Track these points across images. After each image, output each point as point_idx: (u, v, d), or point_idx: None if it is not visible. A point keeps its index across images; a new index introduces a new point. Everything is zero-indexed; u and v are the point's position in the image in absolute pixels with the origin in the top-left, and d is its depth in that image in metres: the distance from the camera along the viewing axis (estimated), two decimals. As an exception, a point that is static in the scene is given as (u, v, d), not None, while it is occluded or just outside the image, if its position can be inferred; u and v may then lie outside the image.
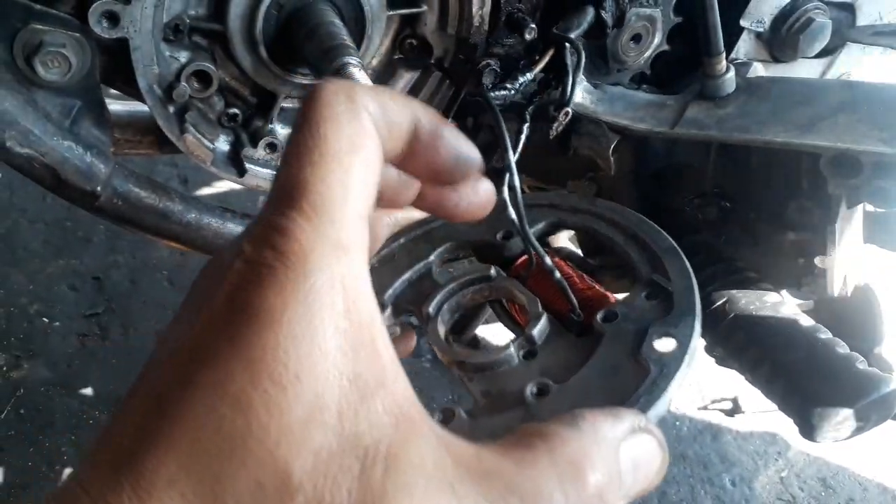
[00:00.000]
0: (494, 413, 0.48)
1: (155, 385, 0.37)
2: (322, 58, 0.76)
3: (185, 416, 0.35)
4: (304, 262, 0.37)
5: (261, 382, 0.35)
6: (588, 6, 0.76)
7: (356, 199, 0.40)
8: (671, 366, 0.47)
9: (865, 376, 0.69)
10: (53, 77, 0.73)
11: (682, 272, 0.54)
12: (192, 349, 0.37)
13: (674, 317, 0.50)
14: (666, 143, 0.88)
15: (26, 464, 1.53)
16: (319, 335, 0.36)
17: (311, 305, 0.37)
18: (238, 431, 0.34)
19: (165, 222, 0.81)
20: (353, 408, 0.36)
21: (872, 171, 0.65)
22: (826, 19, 0.91)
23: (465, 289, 0.58)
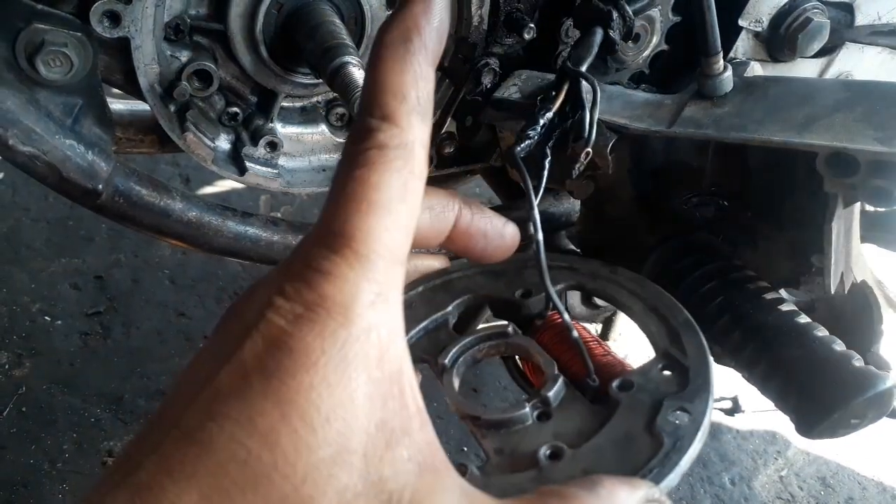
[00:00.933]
0: (507, 472, 0.49)
1: (181, 415, 0.37)
2: (322, 57, 0.76)
3: (212, 447, 0.35)
4: (345, 311, 0.38)
5: (291, 421, 0.36)
6: (596, 27, 0.76)
7: (398, 246, 0.41)
8: (685, 440, 0.48)
9: (861, 374, 0.70)
10: (55, 76, 0.74)
11: (698, 347, 0.55)
12: (224, 382, 0.37)
13: (689, 392, 0.51)
14: (664, 142, 0.89)
15: (28, 461, 1.53)
16: (353, 383, 0.37)
17: (348, 354, 0.37)
18: (264, 466, 0.35)
19: (166, 220, 0.82)
20: (378, 453, 0.37)
21: (869, 170, 0.66)
22: (824, 19, 0.91)
23: (482, 343, 0.59)
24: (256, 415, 0.36)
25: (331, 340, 0.37)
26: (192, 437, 0.36)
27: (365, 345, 0.38)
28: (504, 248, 0.55)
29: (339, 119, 0.93)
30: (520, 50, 0.89)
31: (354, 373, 0.37)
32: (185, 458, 0.35)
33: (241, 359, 0.37)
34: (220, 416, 0.36)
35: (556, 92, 0.65)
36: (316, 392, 0.36)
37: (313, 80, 0.86)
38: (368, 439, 0.37)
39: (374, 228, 0.40)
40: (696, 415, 0.50)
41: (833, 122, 0.68)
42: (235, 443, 0.35)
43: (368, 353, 0.38)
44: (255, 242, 0.87)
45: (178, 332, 1.79)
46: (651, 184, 0.92)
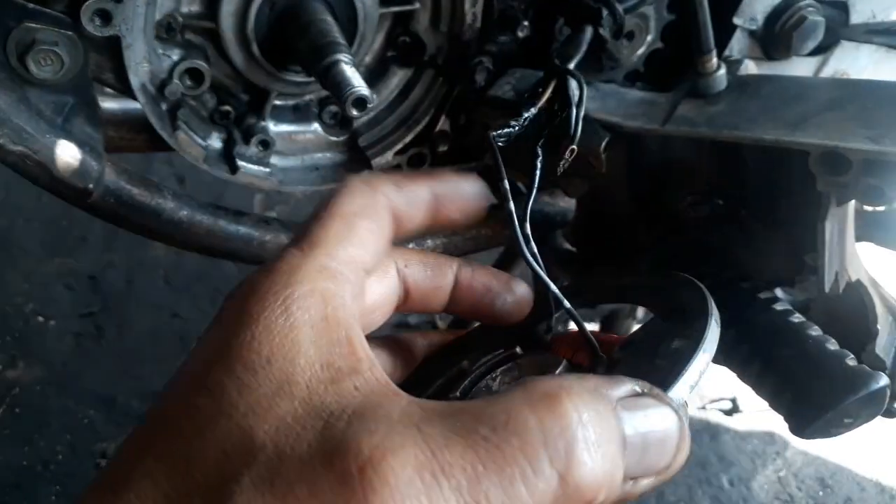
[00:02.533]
0: None
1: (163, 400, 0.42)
2: (314, 55, 0.76)
3: (166, 414, 0.40)
4: (287, 277, 0.43)
5: (234, 370, 0.39)
6: (586, 26, 0.76)
7: (353, 247, 0.47)
8: (685, 353, 0.46)
9: (855, 373, 0.69)
10: (46, 75, 0.73)
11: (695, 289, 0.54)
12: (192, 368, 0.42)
13: (687, 324, 0.50)
14: (659, 141, 0.88)
15: (21, 463, 1.53)
16: (296, 330, 0.40)
17: (289, 307, 0.41)
18: (209, 414, 0.38)
19: (157, 220, 0.82)
20: (323, 384, 0.39)
21: (861, 169, 0.65)
22: (819, 17, 0.91)
23: (493, 371, 0.56)
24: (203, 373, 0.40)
25: (272, 298, 0.41)
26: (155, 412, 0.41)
27: (307, 301, 0.42)
28: (515, 303, 0.56)
29: (332, 117, 0.92)
30: (514, 48, 0.88)
31: (297, 322, 0.41)
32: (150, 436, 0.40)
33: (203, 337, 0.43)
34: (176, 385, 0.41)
35: (542, 89, 0.64)
36: (257, 342, 0.40)
37: (305, 78, 0.86)
38: (312, 373, 0.39)
39: (329, 228, 0.47)
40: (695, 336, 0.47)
41: (825, 120, 0.68)
42: (186, 403, 0.39)
43: (311, 308, 0.41)
44: (248, 242, 0.87)
45: (173, 333, 1.78)
46: (646, 183, 0.92)
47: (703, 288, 0.54)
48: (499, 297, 0.56)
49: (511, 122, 0.60)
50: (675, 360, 0.45)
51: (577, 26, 0.74)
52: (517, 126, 0.60)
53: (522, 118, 0.61)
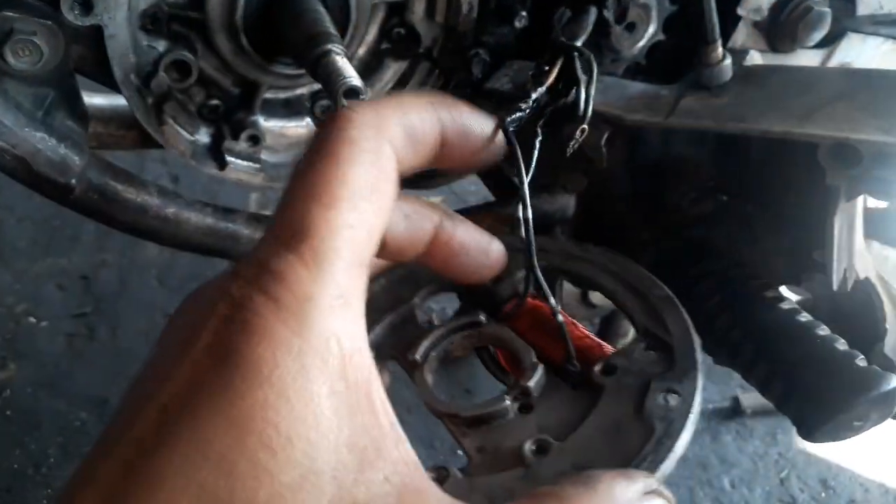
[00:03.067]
0: (492, 472, 0.46)
1: (129, 437, 0.34)
2: (304, 46, 0.74)
3: (162, 477, 0.32)
4: (300, 317, 0.34)
5: (248, 445, 0.32)
6: (590, 6, 0.74)
7: (362, 247, 0.38)
8: (677, 423, 0.46)
9: (865, 373, 0.67)
10: (24, 66, 0.71)
11: (681, 324, 0.53)
12: (170, 401, 0.34)
13: (677, 372, 0.49)
14: (661, 135, 0.87)
15: (12, 466, 1.51)
16: (315, 397, 0.33)
17: (305, 364, 0.34)
18: (221, 497, 0.31)
19: (143, 217, 0.79)
20: (350, 475, 0.33)
21: (872, 161, 0.63)
22: (825, 8, 0.89)
23: (454, 335, 0.56)
24: (204, 442, 0.32)
25: (284, 350, 0.33)
26: (137, 472, 0.32)
27: (324, 354, 0.34)
28: (487, 266, 0.51)
29: (325, 112, 0.90)
30: (511, 39, 0.86)
31: (315, 385, 0.34)
32: (134, 495, 0.32)
33: (188, 375, 0.34)
34: (164, 446, 0.32)
35: (549, 67, 0.61)
36: (273, 410, 0.33)
37: (296, 70, 0.84)
38: (338, 459, 0.33)
39: (336, 224, 0.36)
40: (685, 396, 0.47)
41: (835, 111, 0.66)
42: (183, 476, 0.32)
43: (329, 362, 0.34)
44: (236, 240, 0.85)
45: (166, 333, 1.77)
46: (648, 178, 0.90)
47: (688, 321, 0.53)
48: (475, 259, 0.51)
49: (521, 105, 0.57)
50: (665, 424, 0.46)
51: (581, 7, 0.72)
52: (528, 109, 0.57)
53: (531, 100, 0.58)
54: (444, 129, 0.45)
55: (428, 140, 0.44)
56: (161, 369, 0.36)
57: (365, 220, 0.38)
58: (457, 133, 0.46)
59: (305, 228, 0.36)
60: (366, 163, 0.39)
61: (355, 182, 0.38)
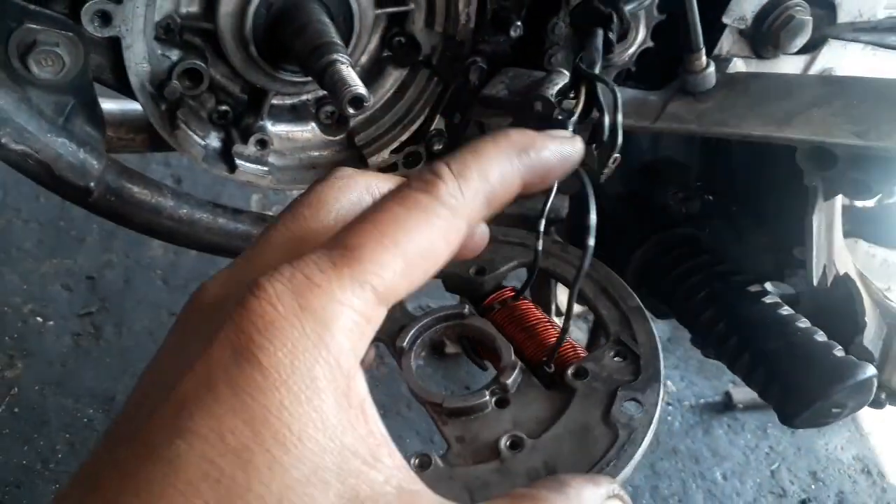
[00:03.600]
0: (469, 462, 0.50)
1: (144, 428, 0.35)
2: (311, 55, 0.77)
3: (181, 465, 0.33)
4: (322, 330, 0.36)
5: (264, 440, 0.34)
6: (596, 28, 0.77)
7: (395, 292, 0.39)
8: (638, 432, 0.50)
9: (842, 363, 0.71)
10: (47, 75, 0.74)
11: (648, 335, 0.57)
12: (189, 393, 0.35)
13: (641, 382, 0.53)
14: (650, 139, 0.90)
15: (21, 462, 1.53)
16: (323, 405, 0.36)
17: (317, 376, 0.36)
18: (238, 487, 0.33)
19: (157, 218, 0.83)
20: (354, 473, 0.36)
21: (847, 164, 0.67)
22: (806, 16, 0.92)
23: (439, 324, 0.60)
24: (227, 432, 0.34)
25: (302, 359, 0.35)
26: (158, 455, 0.34)
27: (335, 371, 0.36)
28: (472, 247, 0.53)
29: (329, 117, 0.93)
30: (507, 48, 0.90)
31: (324, 395, 0.36)
32: (152, 478, 0.33)
33: (207, 367, 0.36)
34: (187, 432, 0.34)
35: (574, 95, 0.65)
36: (287, 412, 0.35)
37: (302, 78, 0.87)
38: (343, 459, 0.36)
39: (385, 265, 0.38)
40: (648, 406, 0.51)
41: (812, 116, 0.69)
42: (206, 461, 0.33)
43: (336, 378, 0.36)
44: (246, 240, 0.88)
45: (171, 332, 1.79)
46: (638, 180, 0.93)
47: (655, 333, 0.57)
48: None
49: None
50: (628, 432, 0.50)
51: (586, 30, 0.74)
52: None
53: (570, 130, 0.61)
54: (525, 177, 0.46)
55: (506, 198, 0.45)
56: (180, 359, 0.37)
57: (410, 274, 0.39)
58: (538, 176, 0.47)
59: (358, 254, 0.38)
60: (437, 231, 0.40)
61: (419, 243, 0.39)
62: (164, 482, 0.33)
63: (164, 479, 0.33)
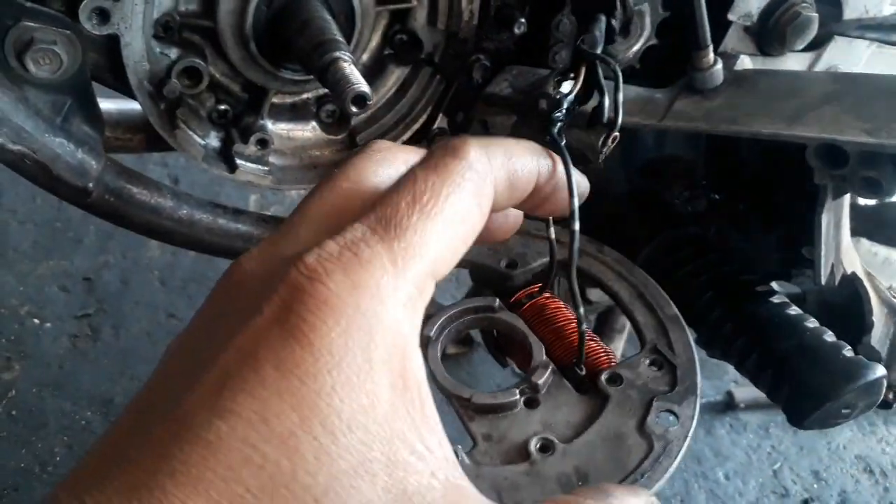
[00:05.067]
0: (497, 462, 0.49)
1: (180, 405, 0.33)
2: (312, 53, 0.76)
3: (222, 448, 0.32)
4: (377, 308, 0.35)
5: (312, 427, 0.32)
6: (599, 14, 0.76)
7: (442, 262, 0.39)
8: (674, 445, 0.49)
9: (852, 363, 0.70)
10: (44, 74, 0.73)
11: (685, 346, 0.56)
12: (231, 370, 0.33)
13: (678, 394, 0.53)
14: (656, 137, 0.89)
15: (18, 465, 1.53)
16: (377, 388, 0.34)
17: (373, 356, 0.34)
18: (283, 475, 0.32)
19: (157, 218, 0.82)
20: (401, 466, 0.34)
21: (858, 162, 0.66)
22: (812, 13, 0.91)
23: (467, 316, 0.59)
24: (272, 416, 0.32)
25: (356, 338, 0.34)
26: (196, 435, 0.32)
27: (391, 349, 0.35)
28: (507, 227, 0.52)
29: (330, 116, 0.92)
30: (510, 45, 0.89)
31: (378, 376, 0.34)
32: (190, 459, 0.31)
33: (251, 345, 0.34)
34: (229, 413, 0.32)
35: (573, 75, 0.64)
36: (338, 396, 0.33)
37: (303, 76, 0.86)
38: (392, 450, 0.34)
39: (430, 236, 0.38)
40: (684, 419, 0.51)
41: (822, 113, 0.69)
42: (249, 446, 0.32)
43: (393, 358, 0.35)
44: (247, 240, 0.87)
45: (169, 333, 1.78)
46: (643, 178, 0.93)
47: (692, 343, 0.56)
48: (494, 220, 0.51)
49: (555, 115, 0.60)
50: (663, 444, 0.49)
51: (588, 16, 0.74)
52: (563, 118, 0.60)
53: (564, 109, 0.61)
54: (539, 179, 0.47)
55: (525, 186, 0.46)
56: (219, 335, 0.35)
57: (453, 241, 0.39)
58: (551, 185, 0.49)
59: (403, 228, 0.37)
60: (469, 194, 0.40)
61: (456, 206, 0.39)
62: (202, 465, 0.31)
63: (203, 462, 0.31)
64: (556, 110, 0.59)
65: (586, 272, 0.64)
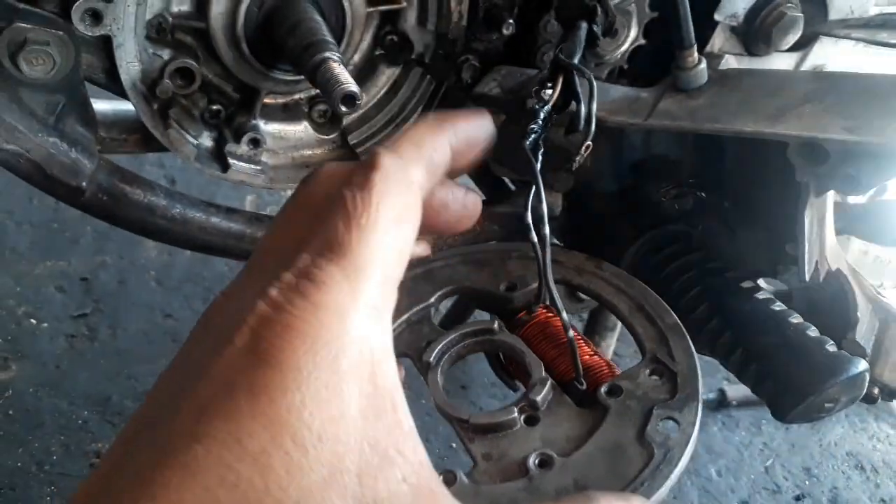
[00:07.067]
0: (496, 480, 0.49)
1: (161, 431, 0.35)
2: (303, 53, 0.77)
3: (199, 470, 0.33)
4: (339, 322, 0.37)
5: (283, 443, 0.34)
6: (580, 21, 0.77)
7: (393, 265, 0.42)
8: (675, 452, 0.49)
9: (835, 358, 0.71)
10: (38, 74, 0.74)
11: (686, 353, 0.56)
12: (207, 398, 0.35)
13: (678, 401, 0.52)
14: (643, 136, 0.90)
15: (15, 465, 1.53)
16: (346, 397, 0.36)
17: (340, 366, 0.36)
18: (256, 491, 0.33)
19: (150, 217, 0.83)
20: (372, 473, 0.36)
21: (838, 159, 0.67)
22: (798, 13, 0.93)
23: (467, 339, 0.59)
24: (245, 436, 0.34)
25: (323, 353, 0.36)
26: (175, 459, 0.34)
27: (357, 358, 0.37)
28: (467, 218, 0.55)
29: (322, 115, 0.93)
30: (499, 46, 0.90)
31: (346, 386, 0.36)
32: (170, 483, 0.34)
33: (225, 373, 0.36)
34: (205, 437, 0.34)
35: (551, 84, 0.65)
36: (307, 410, 0.35)
37: (295, 76, 0.87)
38: (362, 458, 0.36)
39: (373, 245, 0.40)
40: (685, 426, 0.50)
41: (803, 112, 0.70)
42: (224, 466, 0.34)
43: (361, 367, 0.37)
44: (239, 239, 0.88)
45: (165, 333, 1.79)
46: (631, 177, 0.94)
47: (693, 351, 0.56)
48: (455, 212, 0.55)
49: (531, 127, 0.61)
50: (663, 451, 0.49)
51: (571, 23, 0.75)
52: (538, 130, 0.61)
53: (541, 119, 0.62)
54: (452, 147, 0.51)
55: (443, 163, 0.50)
56: (196, 367, 0.37)
57: (395, 243, 0.42)
58: (463, 144, 0.53)
59: (346, 246, 0.39)
60: (398, 195, 0.43)
61: (389, 211, 0.42)
62: (181, 487, 0.33)
63: (182, 484, 0.33)
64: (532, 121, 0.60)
65: (585, 288, 0.64)
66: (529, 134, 0.60)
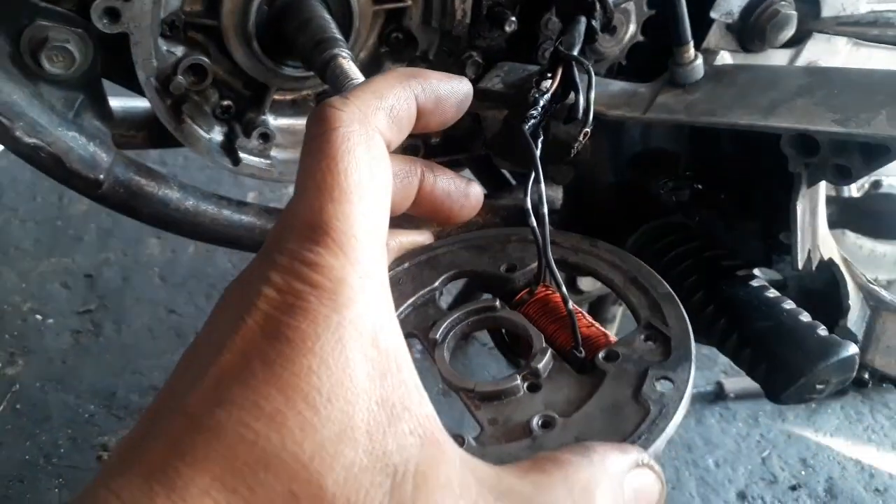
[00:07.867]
0: (502, 441, 0.51)
1: (188, 402, 0.39)
2: (313, 50, 0.80)
3: (221, 431, 0.37)
4: (335, 296, 0.40)
5: (295, 404, 0.37)
6: (579, 16, 0.80)
7: (376, 227, 0.44)
8: (670, 407, 0.51)
9: (826, 341, 0.74)
10: (58, 71, 0.76)
11: (678, 318, 0.58)
12: (226, 368, 0.39)
13: (672, 361, 0.54)
14: (641, 130, 0.93)
15: (23, 457, 1.55)
16: (350, 363, 0.39)
17: (342, 336, 0.39)
18: (273, 447, 0.37)
19: (164, 209, 0.85)
20: (381, 428, 0.39)
21: (829, 150, 0.70)
22: (791, 11, 0.95)
23: (471, 318, 0.61)
24: (261, 399, 0.37)
25: (324, 325, 0.39)
26: (200, 423, 0.37)
27: (358, 326, 0.40)
28: (469, 207, 0.57)
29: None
30: (502, 42, 0.93)
31: (351, 353, 0.39)
32: (196, 443, 0.37)
33: (241, 347, 0.39)
34: (226, 402, 0.38)
35: (550, 75, 0.67)
36: (316, 375, 0.38)
37: (304, 73, 0.89)
38: (371, 416, 0.38)
39: (350, 214, 0.42)
40: (679, 383, 0.52)
41: (795, 105, 0.72)
42: (243, 426, 0.37)
43: (362, 333, 0.40)
44: (250, 230, 0.90)
45: (169, 328, 1.81)
46: (629, 170, 0.96)
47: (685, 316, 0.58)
48: (457, 202, 0.57)
49: (530, 113, 0.63)
50: (659, 407, 0.51)
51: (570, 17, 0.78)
52: (538, 116, 0.63)
53: (540, 108, 0.64)
54: (419, 101, 0.51)
55: (408, 116, 0.50)
56: (214, 344, 0.41)
57: (372, 205, 0.44)
58: (431, 101, 0.52)
59: (325, 223, 0.42)
60: (362, 154, 0.44)
61: (356, 174, 0.43)
62: (206, 447, 0.37)
63: (208, 444, 0.37)
64: (532, 108, 0.63)
65: (581, 266, 0.66)
66: (528, 119, 0.62)
